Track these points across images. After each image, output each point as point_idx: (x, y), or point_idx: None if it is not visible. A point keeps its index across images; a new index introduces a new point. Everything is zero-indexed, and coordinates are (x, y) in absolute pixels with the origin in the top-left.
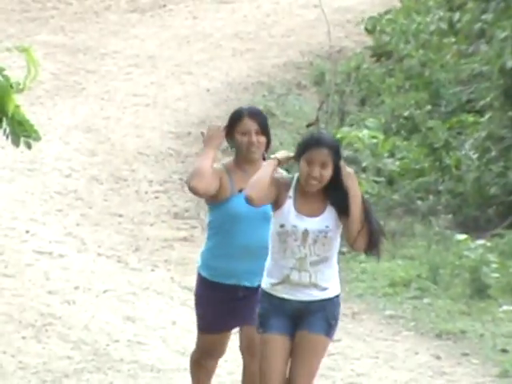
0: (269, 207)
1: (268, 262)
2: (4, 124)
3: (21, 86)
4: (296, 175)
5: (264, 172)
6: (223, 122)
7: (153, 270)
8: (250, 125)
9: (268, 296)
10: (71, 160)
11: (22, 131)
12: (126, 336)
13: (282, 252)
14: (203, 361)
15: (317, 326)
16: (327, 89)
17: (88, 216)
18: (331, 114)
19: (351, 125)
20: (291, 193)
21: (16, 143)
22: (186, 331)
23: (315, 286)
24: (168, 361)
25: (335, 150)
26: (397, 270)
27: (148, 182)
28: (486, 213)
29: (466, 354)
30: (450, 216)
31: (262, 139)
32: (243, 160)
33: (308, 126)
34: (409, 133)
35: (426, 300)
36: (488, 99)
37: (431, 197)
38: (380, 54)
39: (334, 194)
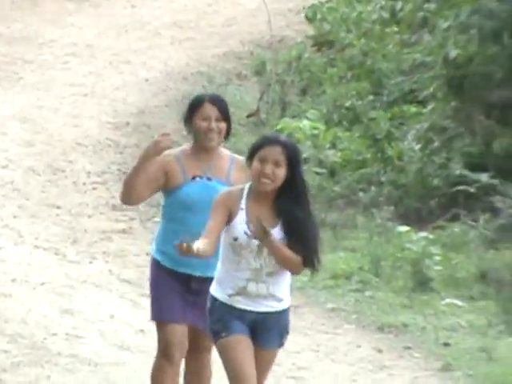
0: None
1: (219, 271)
2: None
3: None
4: (247, 185)
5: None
6: (162, 112)
7: (91, 263)
8: (210, 110)
9: (227, 306)
10: (8, 151)
11: None
12: (63, 329)
13: (236, 264)
14: (169, 354)
15: (272, 341)
16: (268, 79)
17: (25, 207)
18: (272, 104)
19: (292, 116)
20: (243, 204)
21: None
22: (125, 324)
23: (273, 296)
24: (106, 355)
25: (290, 149)
26: (338, 262)
27: (86, 173)
28: (428, 204)
29: (407, 348)
30: (392, 208)
31: (222, 125)
32: (200, 147)
33: (248, 116)
34: (350, 123)
35: (367, 293)
36: (431, 89)
37: (373, 188)
38: (321, 43)
39: (284, 209)
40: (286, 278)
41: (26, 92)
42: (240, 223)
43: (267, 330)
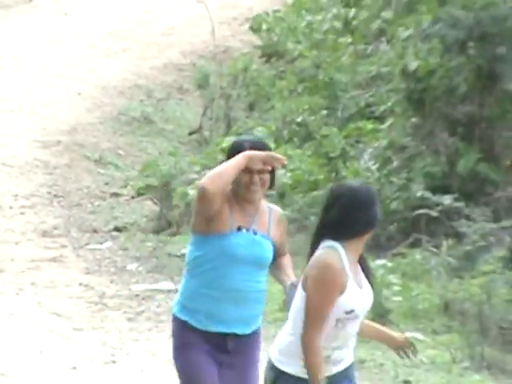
0: (270, 254)
1: (292, 344)
2: None
3: None
4: (338, 246)
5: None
6: (96, 129)
7: (17, 294)
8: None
9: (298, 380)
10: None
11: None
12: None
13: (334, 337)
14: None
15: None
16: (212, 93)
17: None
18: (216, 120)
19: (238, 133)
20: (347, 270)
21: None
22: (55, 361)
23: (349, 354)
24: None
25: None
26: None
27: (13, 196)
28: (386, 229)
29: None
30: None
31: (266, 177)
32: (242, 198)
33: (191, 133)
34: (302, 141)
35: None
36: (389, 104)
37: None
38: (270, 54)
39: None
40: None
41: None
42: (353, 293)
43: (344, 378)
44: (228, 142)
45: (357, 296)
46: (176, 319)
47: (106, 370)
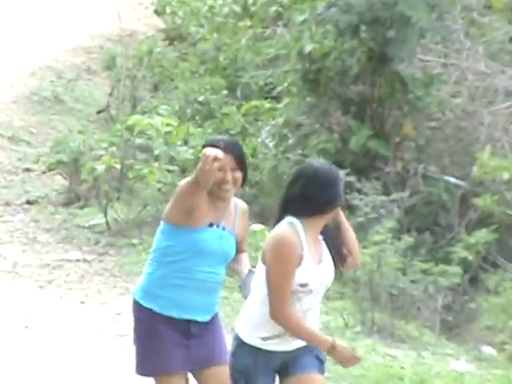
0: (232, 250)
1: (255, 315)
2: None
3: None
4: (296, 223)
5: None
6: (8, 109)
7: None
8: (225, 159)
9: (254, 351)
10: None
11: None
12: None
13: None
14: None
15: (310, 364)
16: (118, 74)
17: None
18: (123, 100)
19: (144, 112)
20: (304, 245)
21: None
22: None
23: None
24: None
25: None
26: None
27: None
28: None
29: None
30: (246, 206)
31: (238, 175)
32: (215, 195)
33: (98, 112)
34: (204, 119)
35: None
36: (285, 84)
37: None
38: (173, 37)
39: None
40: (318, 313)
41: None
42: (308, 267)
43: (300, 356)
44: (134, 119)
45: (312, 270)
46: (139, 306)
47: (18, 335)
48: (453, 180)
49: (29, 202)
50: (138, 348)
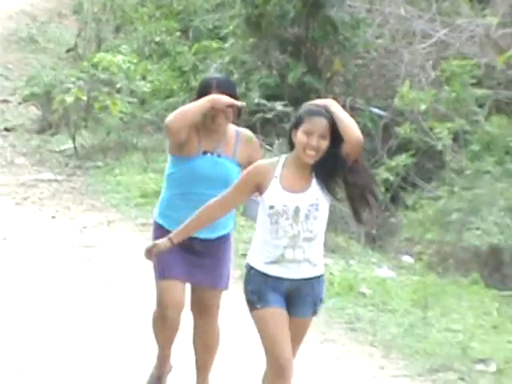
0: (232, 173)
1: (255, 241)
2: None
3: None
4: (283, 156)
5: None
6: None
7: None
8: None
9: (262, 275)
10: None
11: None
12: None
13: (274, 233)
14: (163, 315)
15: (306, 310)
16: (85, 17)
17: None
18: (89, 40)
19: (107, 50)
20: (277, 173)
21: None
22: None
23: (308, 261)
24: None
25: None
26: (149, 182)
27: None
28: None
29: None
30: None
31: (229, 110)
32: (209, 128)
33: (68, 51)
34: (160, 57)
35: None
36: (231, 27)
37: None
38: None
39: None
40: (321, 243)
41: None
42: (275, 191)
43: (301, 298)
44: (99, 57)
45: (278, 195)
46: (155, 222)
47: None
48: (376, 111)
49: (7, 129)
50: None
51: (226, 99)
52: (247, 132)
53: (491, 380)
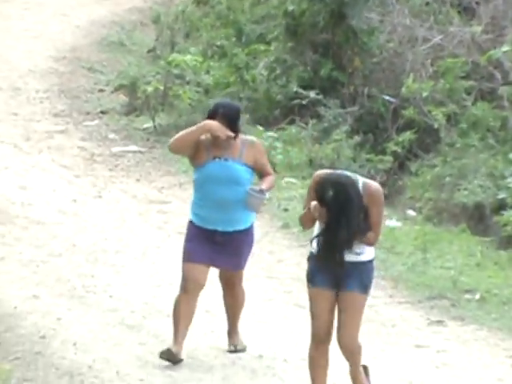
0: (240, 173)
1: (315, 230)
2: None
3: None
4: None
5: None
6: (87, 49)
7: (39, 154)
8: (222, 122)
9: (314, 258)
10: None
11: None
12: (20, 199)
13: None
14: (185, 287)
15: (353, 285)
16: (162, 26)
17: None
18: (165, 44)
19: (179, 51)
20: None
21: None
22: (63, 196)
23: (349, 251)
24: (50, 217)
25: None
26: None
27: (35, 91)
28: (273, 113)
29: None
30: (248, 115)
31: (230, 133)
32: (215, 140)
33: (148, 52)
34: (219, 57)
35: None
36: (275, 34)
37: (236, 102)
38: (199, 1)
39: None
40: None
41: None
42: None
43: (347, 276)
44: (172, 57)
45: None
46: (189, 220)
47: (94, 203)
48: (387, 98)
49: (102, 112)
50: (184, 244)
51: (217, 130)
52: (252, 138)
53: (476, 306)
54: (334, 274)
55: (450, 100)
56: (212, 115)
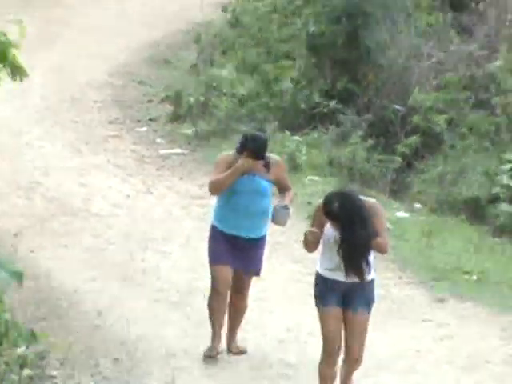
0: (264, 187)
1: (321, 255)
2: (6, 67)
3: (16, 43)
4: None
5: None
6: (138, 66)
7: (97, 155)
8: (253, 155)
9: (324, 279)
10: (45, 86)
11: (17, 71)
12: (80, 195)
13: (335, 250)
14: (217, 289)
15: (360, 305)
16: (202, 45)
17: (57, 123)
18: (205, 60)
19: (217, 67)
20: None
21: (14, 78)
22: (117, 192)
23: (367, 261)
24: (106, 210)
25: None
26: None
27: (93, 101)
28: (298, 120)
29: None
30: (277, 122)
31: (260, 165)
32: None
33: (191, 67)
34: (252, 72)
35: None
36: (298, 51)
37: (264, 111)
38: (233, 24)
39: None
40: (370, 258)
41: (58, 53)
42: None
43: (354, 298)
44: (211, 72)
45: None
46: (211, 225)
47: (144, 198)
48: (397, 107)
49: (150, 120)
50: (208, 248)
51: (250, 170)
52: (276, 157)
53: (473, 286)
54: (343, 292)
55: (451, 108)
56: (242, 148)
